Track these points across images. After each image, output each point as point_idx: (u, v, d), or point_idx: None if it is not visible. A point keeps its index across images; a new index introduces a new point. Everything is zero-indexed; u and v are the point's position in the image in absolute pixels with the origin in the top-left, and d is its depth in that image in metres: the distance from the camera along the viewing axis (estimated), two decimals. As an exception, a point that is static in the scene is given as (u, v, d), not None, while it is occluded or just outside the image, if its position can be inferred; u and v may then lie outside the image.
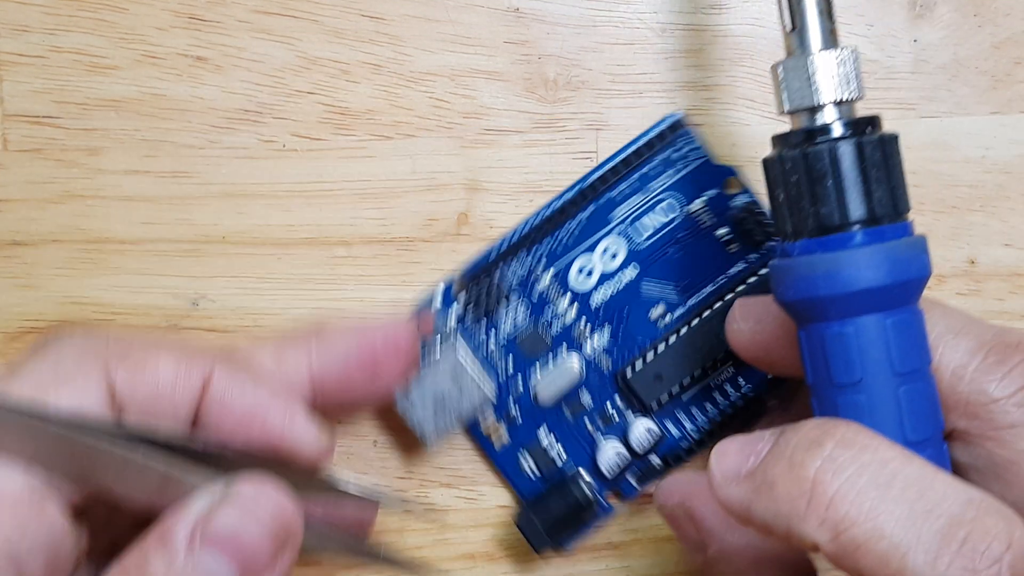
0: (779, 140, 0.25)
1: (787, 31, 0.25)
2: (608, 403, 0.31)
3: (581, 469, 0.31)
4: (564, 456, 0.31)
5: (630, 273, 0.31)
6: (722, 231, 0.31)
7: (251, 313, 0.32)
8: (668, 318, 0.31)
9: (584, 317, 0.31)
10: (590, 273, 0.31)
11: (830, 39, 0.24)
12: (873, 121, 0.24)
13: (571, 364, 0.31)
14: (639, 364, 0.30)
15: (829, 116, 0.24)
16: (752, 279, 0.30)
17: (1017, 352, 0.24)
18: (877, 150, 0.24)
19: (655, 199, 0.31)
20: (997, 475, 0.24)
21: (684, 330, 0.30)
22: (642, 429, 0.30)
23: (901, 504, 0.21)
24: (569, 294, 0.31)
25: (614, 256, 0.31)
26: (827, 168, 0.23)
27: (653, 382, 0.30)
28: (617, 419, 0.31)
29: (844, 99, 0.24)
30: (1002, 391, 0.23)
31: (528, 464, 0.31)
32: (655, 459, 0.31)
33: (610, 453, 0.31)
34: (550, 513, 0.30)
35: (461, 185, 0.32)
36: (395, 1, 0.31)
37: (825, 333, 0.24)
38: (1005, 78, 0.32)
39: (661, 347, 0.30)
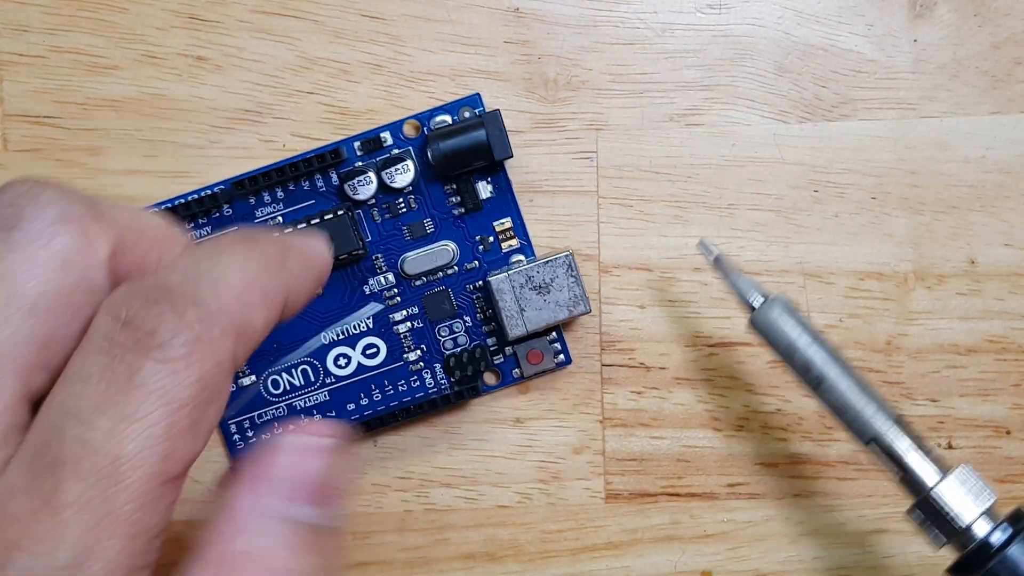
0: (957, 571, 0.25)
1: (898, 481, 0.26)
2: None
3: None
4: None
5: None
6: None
7: (251, 313, 0.32)
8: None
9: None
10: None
11: (939, 466, 0.25)
12: (1018, 516, 0.25)
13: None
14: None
15: (981, 529, 0.25)
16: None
17: None
18: None
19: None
20: None
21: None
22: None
23: None
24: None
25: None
26: None
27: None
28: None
29: (986, 508, 0.25)
30: None
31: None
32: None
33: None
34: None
35: (461, 185, 0.32)
36: (395, 1, 0.31)
37: None
38: (1005, 78, 0.32)
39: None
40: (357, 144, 0.31)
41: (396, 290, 0.31)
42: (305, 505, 0.21)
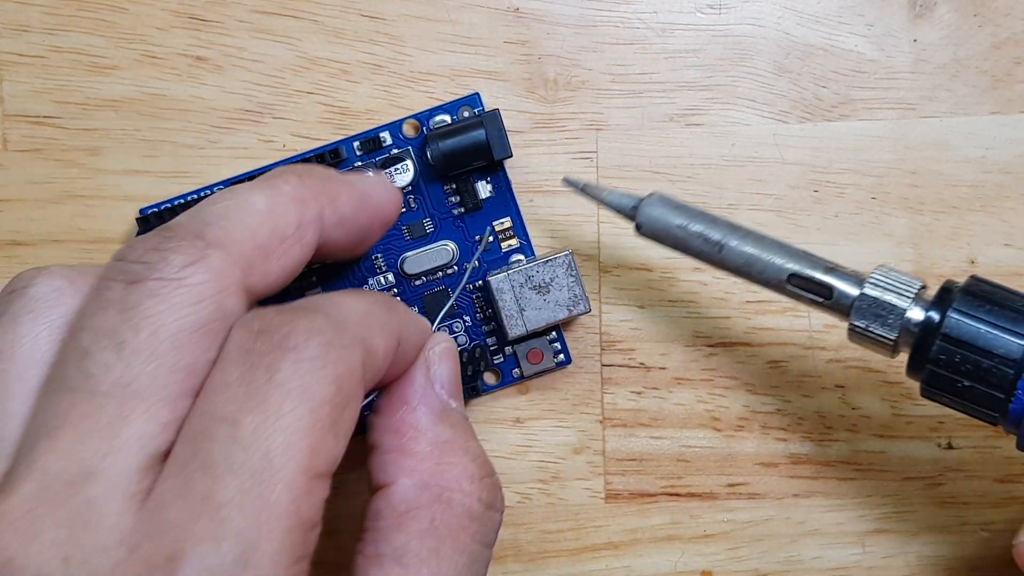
0: (913, 367, 0.26)
1: (825, 306, 0.26)
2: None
3: None
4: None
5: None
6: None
7: (251, 313, 0.32)
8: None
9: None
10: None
11: (856, 277, 0.26)
12: (948, 288, 0.25)
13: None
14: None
15: (918, 314, 0.25)
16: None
17: None
18: (973, 300, 0.24)
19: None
20: None
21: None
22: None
23: None
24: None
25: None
26: (959, 351, 0.24)
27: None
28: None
29: (915, 293, 0.25)
30: None
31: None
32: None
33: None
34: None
35: (461, 185, 0.32)
36: (395, 1, 0.31)
37: None
38: (1005, 78, 0.32)
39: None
40: (356, 144, 0.31)
41: (396, 290, 0.31)
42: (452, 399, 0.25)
